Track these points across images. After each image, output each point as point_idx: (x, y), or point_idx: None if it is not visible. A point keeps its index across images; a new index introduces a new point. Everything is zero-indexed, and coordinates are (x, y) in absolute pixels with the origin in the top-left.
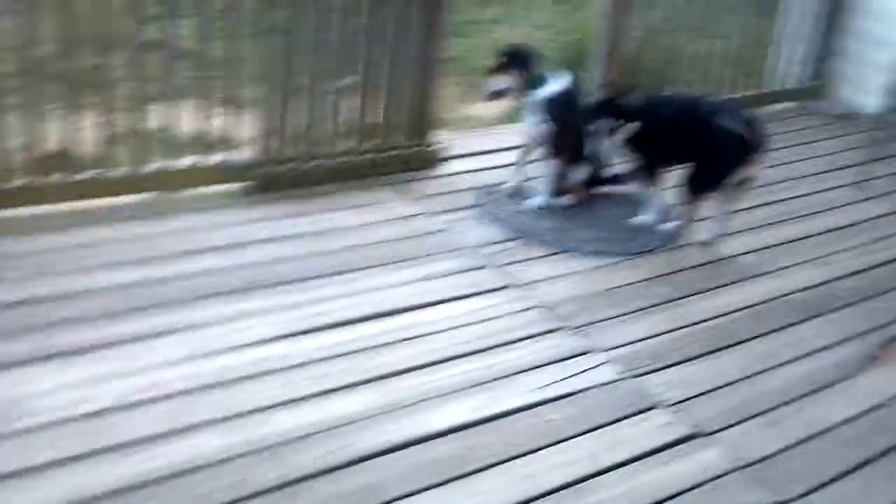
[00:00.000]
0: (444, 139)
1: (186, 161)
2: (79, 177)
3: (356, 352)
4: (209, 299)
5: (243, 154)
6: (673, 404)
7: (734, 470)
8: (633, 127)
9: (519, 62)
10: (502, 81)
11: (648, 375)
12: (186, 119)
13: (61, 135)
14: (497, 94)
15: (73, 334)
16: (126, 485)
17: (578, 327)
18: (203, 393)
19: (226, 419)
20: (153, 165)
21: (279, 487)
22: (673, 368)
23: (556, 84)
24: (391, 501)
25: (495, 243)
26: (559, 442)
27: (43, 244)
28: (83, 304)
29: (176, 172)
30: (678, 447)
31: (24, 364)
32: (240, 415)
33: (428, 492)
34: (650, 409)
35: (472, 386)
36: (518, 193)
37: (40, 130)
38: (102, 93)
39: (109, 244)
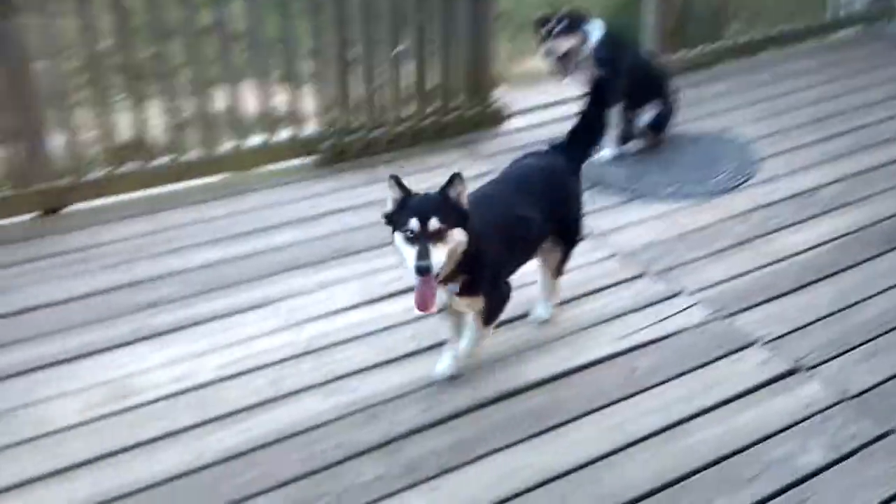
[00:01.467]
0: (505, 96)
1: (255, 140)
2: (153, 164)
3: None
4: (292, 272)
5: (310, 128)
6: (768, 342)
7: (837, 403)
8: None
9: (574, 24)
10: (563, 45)
11: (739, 314)
12: (250, 99)
13: (132, 125)
14: (561, 59)
15: (169, 314)
16: (237, 451)
17: (661, 272)
18: (298, 361)
19: (324, 383)
20: (223, 147)
21: (381, 445)
22: (764, 306)
23: (599, 33)
24: (484, 455)
25: None
26: (651, 387)
27: (126, 231)
28: (174, 285)
29: (246, 152)
30: (778, 383)
31: (127, 345)
32: (336, 378)
33: (519, 445)
34: (745, 347)
35: (558, 338)
36: None
37: (111, 122)
38: (165, 81)
39: (189, 226)
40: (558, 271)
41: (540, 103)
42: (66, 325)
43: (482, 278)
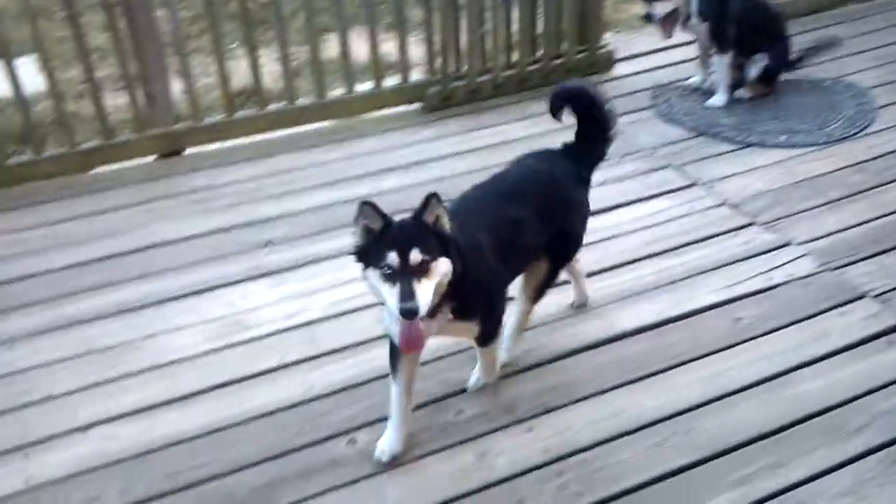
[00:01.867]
0: (612, 42)
1: (364, 86)
2: (267, 110)
3: None
4: (400, 215)
5: (417, 75)
6: (879, 294)
7: None
8: None
9: None
10: (664, 6)
11: (849, 267)
12: (360, 46)
13: (246, 72)
14: (664, 21)
15: (282, 253)
16: (344, 385)
17: (770, 222)
18: None
19: None
20: (334, 93)
21: (486, 384)
22: (876, 258)
23: None
24: (583, 398)
25: (676, 142)
26: (756, 337)
27: (242, 174)
28: (288, 226)
29: (356, 98)
30: (888, 337)
31: (243, 282)
32: None
33: (619, 389)
34: (854, 300)
35: (661, 286)
36: (694, 92)
37: (227, 69)
38: (278, 28)
39: (302, 170)
40: (537, 294)
41: (647, 49)
42: (186, 262)
43: (476, 301)
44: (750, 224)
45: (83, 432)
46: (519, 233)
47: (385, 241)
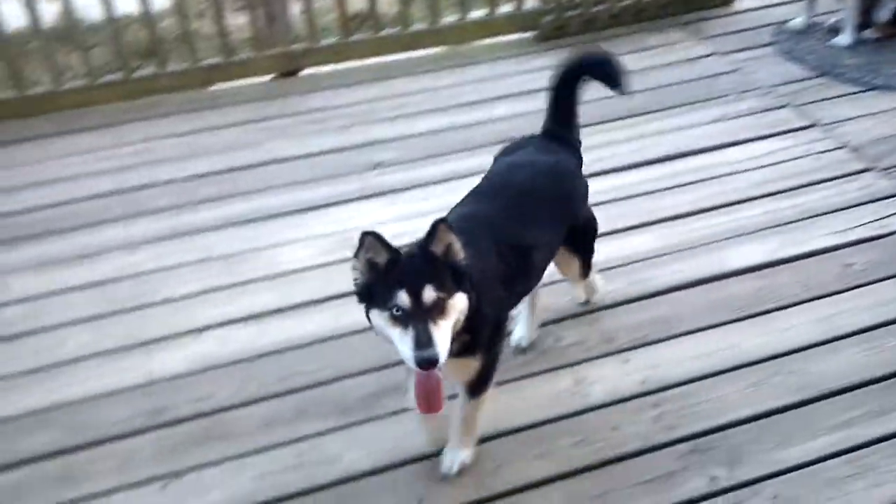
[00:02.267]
0: None
1: (478, 14)
2: (382, 34)
3: (648, 193)
4: (510, 142)
5: (531, 3)
6: None
7: None
8: None
9: None
10: None
11: None
12: None
13: None
14: None
15: (393, 175)
16: None
17: (890, 168)
18: None
19: None
20: (447, 20)
21: (582, 314)
22: None
23: None
24: (684, 334)
25: (795, 82)
26: (864, 284)
27: (357, 96)
28: (400, 149)
29: (469, 25)
30: None
31: (353, 201)
32: None
33: (721, 327)
34: None
35: (771, 227)
36: (818, 30)
37: None
38: None
39: (415, 94)
40: (584, 274)
41: None
42: (300, 180)
43: (482, 334)
44: (868, 169)
45: (199, 333)
46: (528, 255)
47: (393, 277)
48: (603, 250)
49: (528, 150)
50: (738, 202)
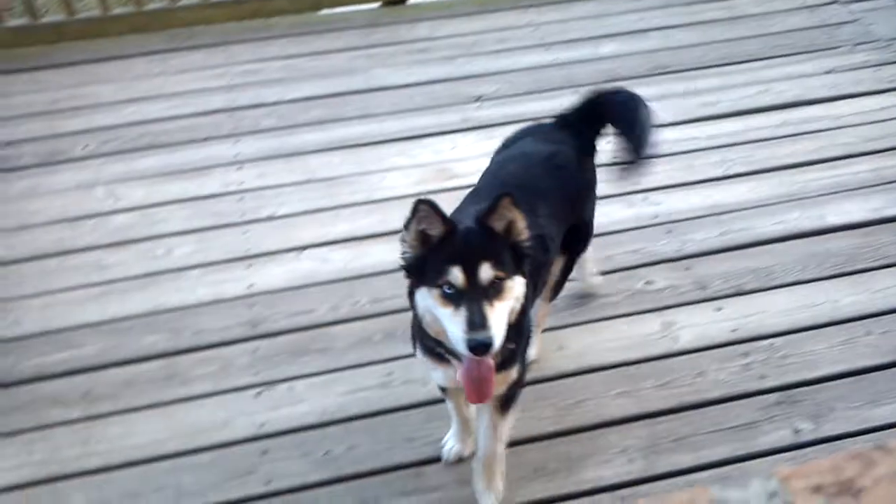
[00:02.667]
0: None
1: None
2: None
3: (755, 141)
4: (613, 83)
5: None
6: None
7: None
8: None
9: None
10: None
11: None
12: None
13: None
14: None
15: (494, 108)
16: None
17: None
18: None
19: (626, 193)
20: None
21: (674, 259)
22: None
23: None
24: (779, 286)
25: None
26: None
27: (462, 28)
28: (501, 83)
29: None
30: None
31: (452, 133)
32: (640, 190)
33: (817, 282)
34: None
35: (876, 185)
36: None
37: None
38: None
39: (520, 29)
40: (555, 293)
41: None
42: (402, 108)
43: (523, 341)
44: None
45: (300, 252)
46: (546, 248)
47: (447, 252)
48: (696, 196)
49: (527, 140)
50: (845, 157)
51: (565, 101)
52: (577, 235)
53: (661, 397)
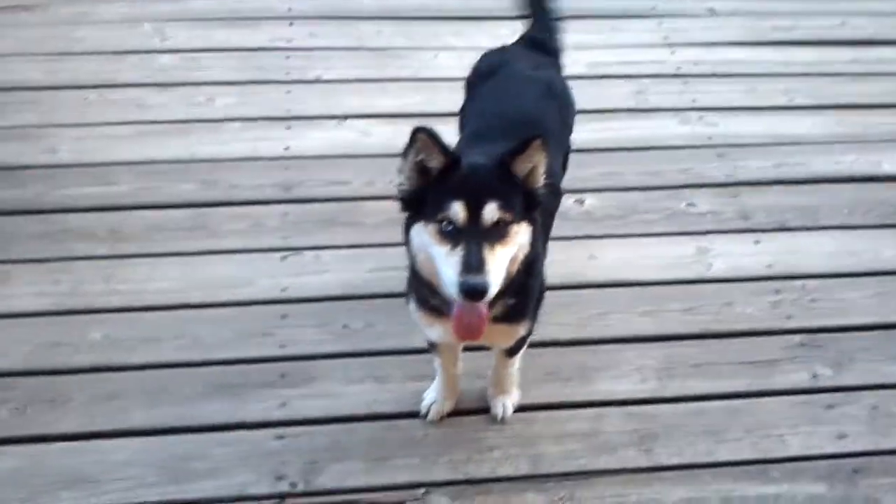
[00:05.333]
0: None
1: None
2: None
3: (824, 74)
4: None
5: None
6: None
7: None
8: None
9: None
10: None
11: None
12: None
13: None
14: None
15: None
16: (583, 147)
17: None
18: (664, 80)
19: (683, 109)
20: None
21: (723, 185)
22: None
23: None
24: (822, 228)
25: None
26: None
27: None
28: None
29: None
30: None
31: (514, 18)
32: (697, 109)
33: (861, 230)
34: None
35: None
36: None
37: None
38: None
39: None
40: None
41: None
42: None
43: (533, 295)
44: None
45: (341, 121)
46: (556, 192)
47: (449, 185)
48: (753, 123)
49: (511, 68)
50: (889, 105)
51: (629, 5)
52: (563, 164)
53: (684, 322)
